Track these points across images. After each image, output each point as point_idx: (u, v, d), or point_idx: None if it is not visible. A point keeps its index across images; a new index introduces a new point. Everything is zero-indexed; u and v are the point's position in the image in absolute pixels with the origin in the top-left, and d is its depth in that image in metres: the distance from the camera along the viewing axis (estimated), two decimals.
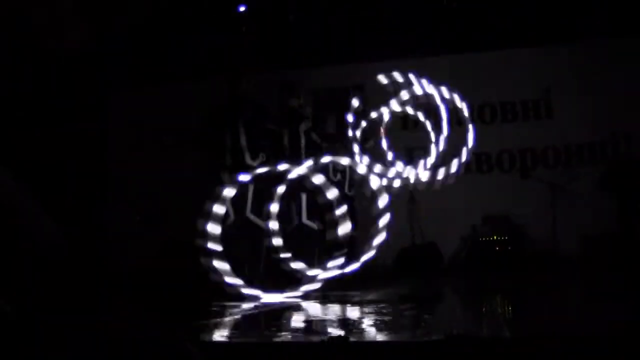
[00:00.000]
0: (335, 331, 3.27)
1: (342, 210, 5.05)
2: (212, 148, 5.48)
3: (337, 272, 5.09)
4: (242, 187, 4.92)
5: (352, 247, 5.85)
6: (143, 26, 8.23)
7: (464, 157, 5.70)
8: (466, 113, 5.75)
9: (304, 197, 5.79)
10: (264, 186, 5.11)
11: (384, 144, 6.00)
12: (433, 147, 5.77)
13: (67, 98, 8.27)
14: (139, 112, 8.89)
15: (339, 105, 7.92)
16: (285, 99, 5.88)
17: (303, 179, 5.06)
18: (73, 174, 8.54)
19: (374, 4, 7.96)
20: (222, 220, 4.80)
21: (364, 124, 5.76)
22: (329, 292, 5.10)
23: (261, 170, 4.90)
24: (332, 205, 5.69)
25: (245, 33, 7.81)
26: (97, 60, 8.31)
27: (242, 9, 7.79)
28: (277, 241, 5.14)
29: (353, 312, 4.20)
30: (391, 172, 5.60)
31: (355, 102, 5.71)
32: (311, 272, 5.09)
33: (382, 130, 5.83)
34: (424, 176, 5.57)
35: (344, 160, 5.29)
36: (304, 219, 5.84)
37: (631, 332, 2.84)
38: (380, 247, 5.12)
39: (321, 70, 8.37)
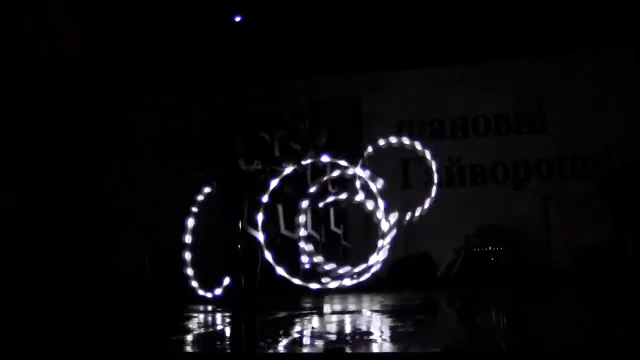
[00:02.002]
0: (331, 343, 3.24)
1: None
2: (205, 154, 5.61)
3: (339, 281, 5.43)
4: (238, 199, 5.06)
5: (345, 257, 6.02)
6: (140, 33, 8.22)
7: (426, 205, 6.57)
8: (434, 170, 6.63)
9: (280, 208, 5.95)
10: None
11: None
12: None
13: (61, 103, 8.22)
14: (133, 118, 8.87)
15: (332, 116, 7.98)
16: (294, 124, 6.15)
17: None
18: (64, 180, 8.47)
19: (374, 15, 7.98)
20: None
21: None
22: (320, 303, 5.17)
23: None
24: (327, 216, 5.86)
25: (242, 42, 7.81)
26: (93, 66, 8.27)
27: (237, 19, 7.79)
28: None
29: (348, 324, 4.18)
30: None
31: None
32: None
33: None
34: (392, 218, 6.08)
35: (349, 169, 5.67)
36: (282, 229, 6.02)
37: (619, 346, 2.83)
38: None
39: (319, 80, 8.39)
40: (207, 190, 5.84)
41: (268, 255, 5.53)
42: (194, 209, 5.94)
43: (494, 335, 3.48)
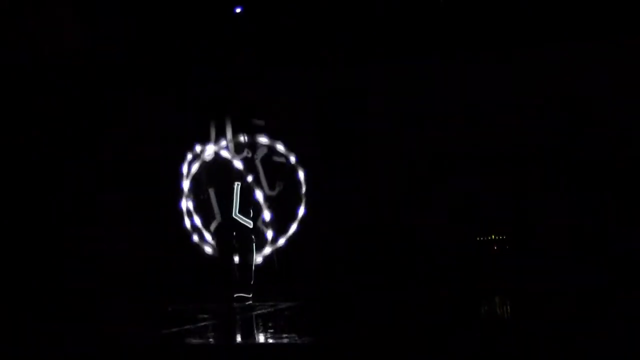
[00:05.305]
0: None
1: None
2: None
3: None
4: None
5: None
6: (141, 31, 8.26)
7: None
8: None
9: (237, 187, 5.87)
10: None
11: None
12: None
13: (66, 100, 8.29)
14: (135, 114, 8.84)
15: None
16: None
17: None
18: (68, 175, 8.51)
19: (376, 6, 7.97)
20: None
21: None
22: None
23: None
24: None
25: (242, 35, 7.82)
26: (95, 63, 8.32)
27: (238, 10, 7.77)
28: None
29: None
30: None
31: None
32: None
33: None
34: None
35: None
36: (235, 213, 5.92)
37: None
38: None
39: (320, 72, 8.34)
40: None
41: None
42: None
43: None
